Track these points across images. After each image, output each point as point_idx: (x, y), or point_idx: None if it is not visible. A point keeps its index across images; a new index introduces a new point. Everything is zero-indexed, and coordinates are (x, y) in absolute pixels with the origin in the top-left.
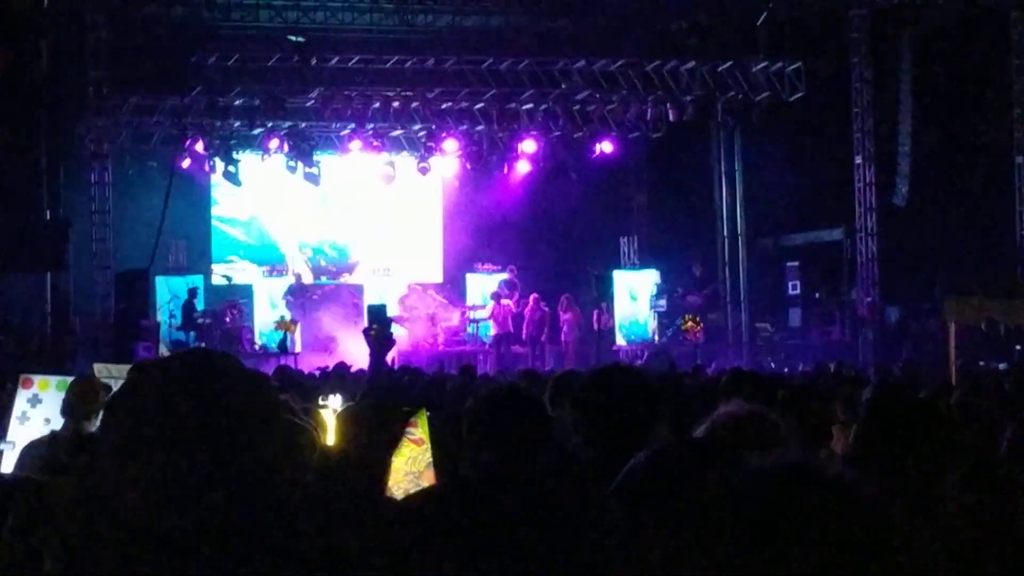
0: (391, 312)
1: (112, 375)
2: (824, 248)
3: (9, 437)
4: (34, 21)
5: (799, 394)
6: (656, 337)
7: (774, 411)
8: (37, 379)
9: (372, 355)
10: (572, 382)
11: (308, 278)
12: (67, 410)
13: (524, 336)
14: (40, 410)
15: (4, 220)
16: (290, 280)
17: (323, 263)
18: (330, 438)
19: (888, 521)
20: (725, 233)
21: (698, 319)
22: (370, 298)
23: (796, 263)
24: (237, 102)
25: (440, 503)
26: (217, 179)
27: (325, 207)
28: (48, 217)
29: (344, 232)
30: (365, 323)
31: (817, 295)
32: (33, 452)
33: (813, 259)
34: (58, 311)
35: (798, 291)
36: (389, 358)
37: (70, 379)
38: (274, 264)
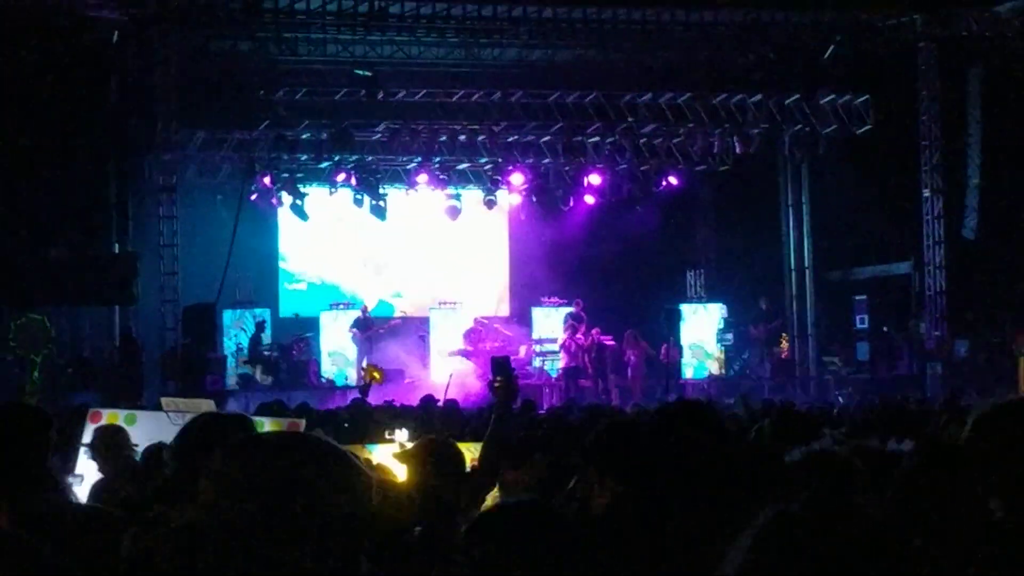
0: (456, 346)
1: (180, 409)
2: (892, 281)
3: (78, 470)
4: (104, 57)
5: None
6: (723, 371)
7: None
8: (105, 413)
9: (499, 406)
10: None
11: (375, 311)
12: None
13: (590, 370)
14: None
15: (74, 254)
16: (356, 313)
17: (389, 297)
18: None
19: None
20: (792, 266)
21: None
22: (436, 331)
23: (864, 297)
24: (304, 136)
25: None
26: (284, 213)
27: (392, 241)
28: (117, 251)
29: (410, 266)
30: (486, 374)
31: (885, 329)
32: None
33: (881, 292)
34: (126, 344)
35: (866, 325)
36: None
37: (138, 413)
38: (340, 298)
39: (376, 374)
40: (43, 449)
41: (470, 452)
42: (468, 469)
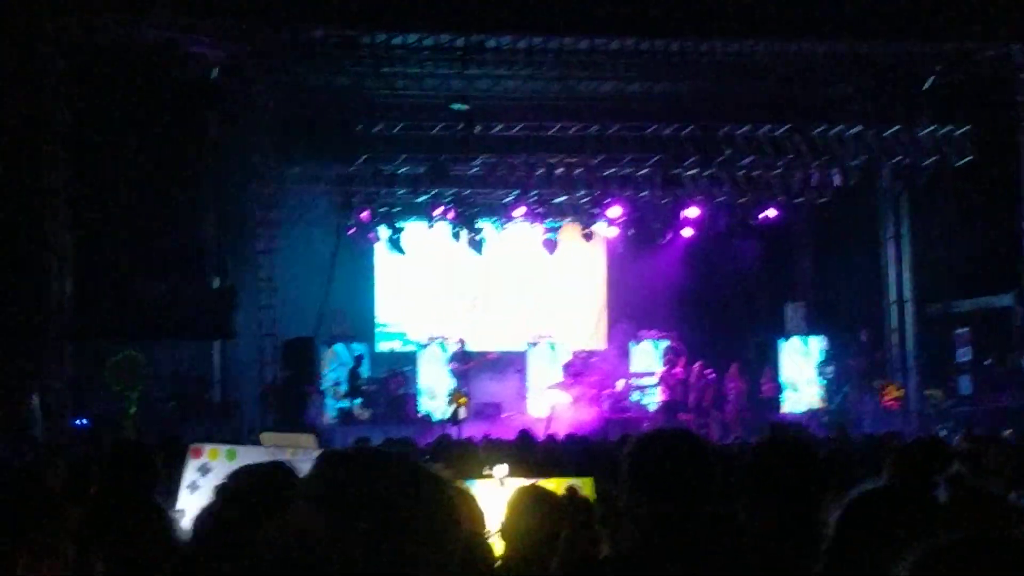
0: (555, 379)
1: (280, 443)
2: (994, 314)
3: (179, 506)
4: (202, 91)
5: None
6: (824, 404)
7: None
8: (207, 448)
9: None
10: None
11: (473, 345)
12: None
13: (690, 404)
14: (210, 479)
15: (173, 289)
16: (454, 347)
17: (487, 331)
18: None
19: None
20: (893, 299)
21: (901, 387)
22: (534, 365)
23: (965, 329)
24: (402, 170)
25: None
26: (381, 247)
27: (489, 274)
28: (216, 286)
29: (508, 299)
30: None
31: (987, 362)
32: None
33: (983, 325)
34: (226, 379)
35: (968, 358)
36: (554, 427)
37: (239, 448)
38: (437, 332)
39: (462, 400)
40: (150, 485)
41: (583, 488)
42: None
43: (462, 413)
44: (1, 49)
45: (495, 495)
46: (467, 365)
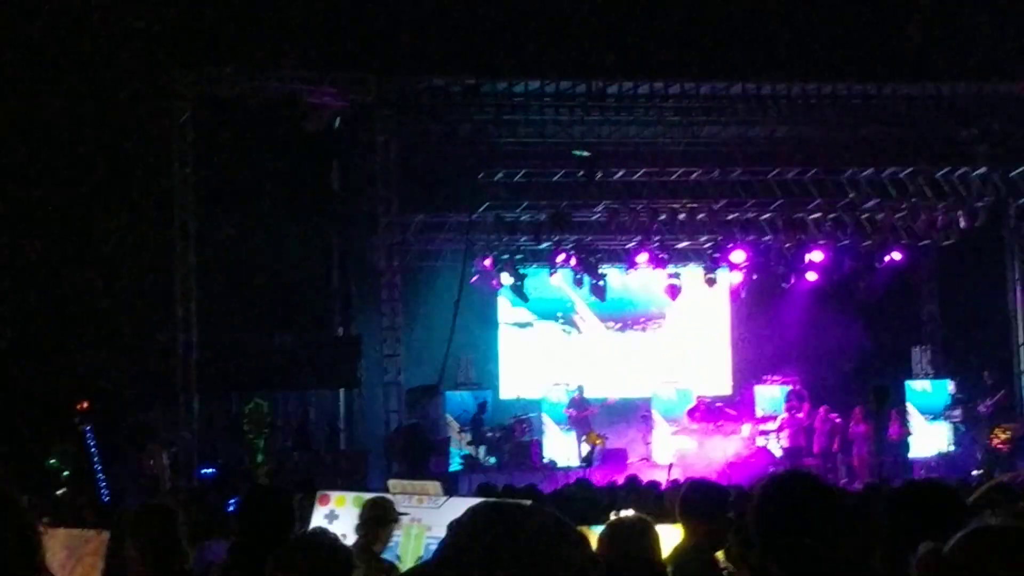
0: (679, 425)
1: (407, 491)
2: None
3: None
4: (325, 142)
5: None
6: (951, 448)
7: None
8: (334, 495)
9: None
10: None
11: (596, 391)
12: (362, 527)
13: (815, 449)
14: (337, 526)
15: (299, 338)
16: (573, 393)
17: (610, 376)
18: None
19: None
20: (1021, 342)
21: (1007, 431)
22: (658, 410)
23: None
24: (524, 217)
25: None
26: (504, 294)
27: (612, 320)
28: (340, 335)
29: (631, 345)
30: None
31: None
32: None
33: None
34: (351, 427)
35: None
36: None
37: (366, 496)
38: (559, 379)
39: (598, 440)
40: (287, 530)
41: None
42: None
43: (596, 453)
44: (130, 100)
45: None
46: (585, 411)
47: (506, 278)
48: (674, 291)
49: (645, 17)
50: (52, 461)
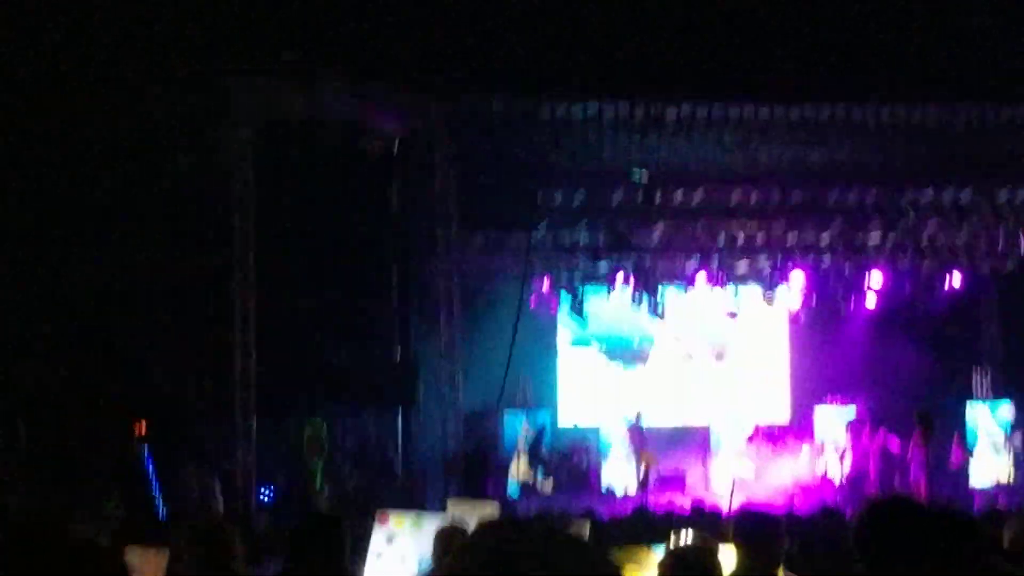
0: (738, 450)
1: (465, 513)
2: None
3: (366, 573)
4: (384, 164)
5: None
6: (1012, 474)
7: None
8: (393, 515)
9: None
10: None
11: (654, 416)
12: (435, 558)
13: (875, 474)
14: (395, 548)
15: (357, 359)
16: (632, 418)
17: (669, 400)
18: None
19: None
20: None
21: None
22: (716, 436)
23: None
24: (582, 238)
25: None
26: (563, 315)
27: (671, 342)
28: (399, 356)
29: (689, 368)
30: None
31: None
32: None
33: None
34: (409, 449)
35: None
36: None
37: (425, 515)
38: (619, 402)
39: (652, 460)
40: (340, 553)
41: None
42: None
43: (652, 476)
44: (188, 123)
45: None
46: (645, 436)
47: (565, 299)
48: (732, 314)
49: (703, 40)
50: (109, 503)
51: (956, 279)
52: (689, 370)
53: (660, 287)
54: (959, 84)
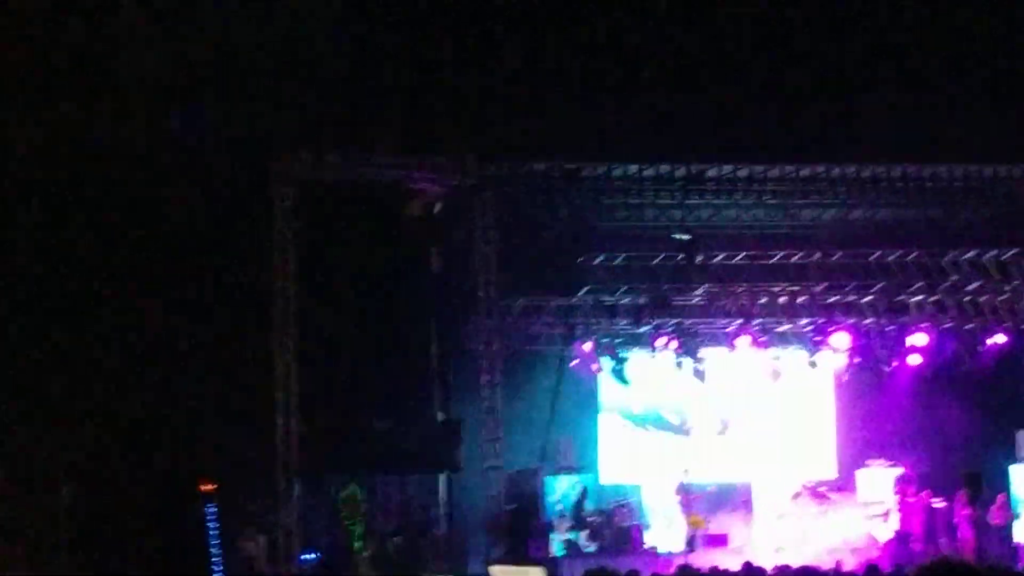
0: (783, 510)
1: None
2: None
3: None
4: (427, 226)
5: None
6: None
7: None
8: None
9: None
10: None
11: (698, 475)
12: None
13: (921, 533)
14: None
15: (400, 422)
16: (678, 478)
17: (713, 460)
18: None
19: None
20: None
21: None
22: (761, 495)
23: None
24: (624, 301)
25: None
26: (605, 377)
27: (714, 403)
28: (441, 419)
29: (734, 428)
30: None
31: None
32: None
33: None
34: (452, 511)
35: None
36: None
37: None
38: (662, 461)
39: (700, 522)
40: None
41: None
42: None
43: (698, 537)
44: (235, 185)
45: None
46: (692, 496)
47: (606, 361)
48: (775, 375)
49: (743, 100)
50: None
51: (999, 338)
52: (733, 428)
53: (702, 349)
54: (1001, 146)
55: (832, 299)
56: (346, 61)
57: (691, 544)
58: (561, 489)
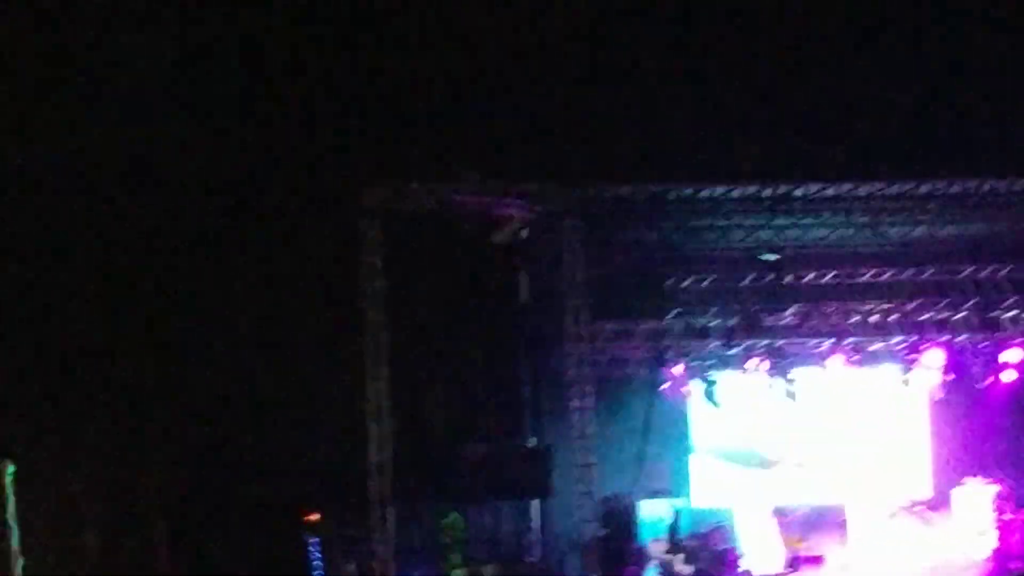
0: (879, 531)
1: None
2: None
3: None
4: (512, 252)
5: None
6: None
7: None
8: None
9: None
10: None
11: (791, 497)
12: None
13: (1019, 552)
14: None
15: (491, 449)
16: (772, 500)
17: (806, 481)
18: None
19: None
20: None
21: None
22: (855, 516)
23: None
24: (713, 323)
25: None
26: (695, 400)
27: (806, 423)
28: (532, 445)
29: (826, 449)
30: None
31: None
32: None
33: None
34: (545, 538)
35: None
36: None
37: None
38: (756, 483)
39: (798, 544)
40: None
41: None
42: None
43: (795, 559)
44: (319, 217)
45: None
46: (787, 518)
47: (697, 384)
48: (867, 394)
49: (829, 118)
50: None
51: None
52: (826, 449)
53: (793, 369)
54: None
55: (924, 316)
56: (428, 90)
57: (792, 566)
58: (655, 513)
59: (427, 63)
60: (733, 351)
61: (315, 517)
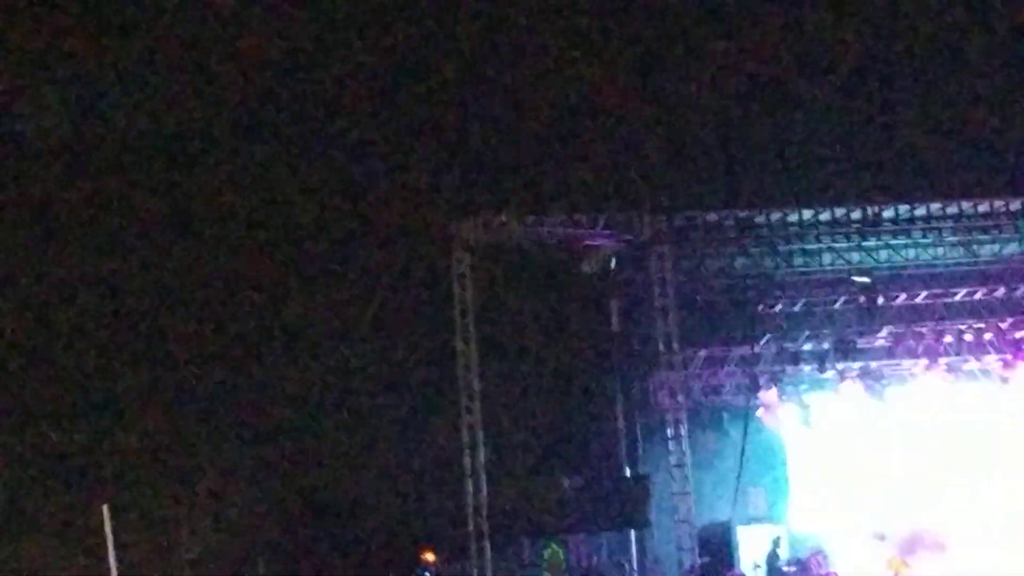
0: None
1: None
2: None
3: None
4: (602, 281)
5: None
6: None
7: None
8: None
9: None
10: None
11: (893, 518)
12: None
13: None
14: None
15: (587, 480)
16: (873, 523)
17: (906, 501)
18: None
19: None
20: None
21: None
22: (955, 532)
23: None
24: (806, 347)
25: None
26: (791, 424)
27: (903, 444)
28: (628, 474)
29: (926, 468)
30: None
31: None
32: None
33: None
34: (643, 569)
35: None
36: None
37: None
38: (854, 507)
39: (902, 566)
40: None
41: None
42: None
43: None
44: (416, 250)
45: None
46: (887, 540)
47: (792, 408)
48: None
49: (917, 139)
50: None
51: None
52: (925, 468)
53: (887, 390)
54: None
55: (1019, 335)
56: (518, 125)
57: None
58: (754, 540)
59: (518, 100)
60: (827, 374)
61: (430, 556)
